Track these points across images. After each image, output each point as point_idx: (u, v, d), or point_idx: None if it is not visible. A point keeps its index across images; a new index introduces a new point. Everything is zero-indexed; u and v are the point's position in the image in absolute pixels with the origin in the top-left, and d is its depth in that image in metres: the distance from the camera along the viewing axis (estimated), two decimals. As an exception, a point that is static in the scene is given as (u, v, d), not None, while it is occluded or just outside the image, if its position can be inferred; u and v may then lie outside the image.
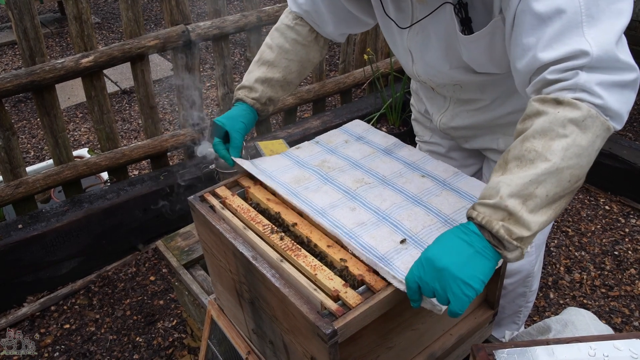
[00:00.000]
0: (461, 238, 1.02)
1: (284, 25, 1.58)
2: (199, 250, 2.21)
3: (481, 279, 0.98)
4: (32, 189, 2.68)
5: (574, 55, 0.99)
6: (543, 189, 0.98)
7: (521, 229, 0.98)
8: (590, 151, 1.00)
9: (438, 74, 1.45)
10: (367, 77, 3.72)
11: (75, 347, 2.44)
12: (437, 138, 1.87)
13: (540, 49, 1.02)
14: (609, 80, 0.98)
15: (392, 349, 1.25)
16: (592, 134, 0.98)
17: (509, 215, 0.98)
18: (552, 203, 1.00)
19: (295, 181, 1.42)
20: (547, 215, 1.00)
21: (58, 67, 2.53)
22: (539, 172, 0.97)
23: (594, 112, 0.98)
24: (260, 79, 1.55)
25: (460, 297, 0.97)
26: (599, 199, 3.19)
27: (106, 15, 6.36)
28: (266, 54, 1.58)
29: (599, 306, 2.51)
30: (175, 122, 4.26)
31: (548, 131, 0.99)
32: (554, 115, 0.99)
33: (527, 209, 0.97)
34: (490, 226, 0.99)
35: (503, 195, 0.98)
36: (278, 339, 1.29)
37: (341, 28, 1.59)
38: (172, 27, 2.82)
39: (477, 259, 0.99)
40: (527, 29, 1.04)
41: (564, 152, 0.97)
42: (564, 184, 0.99)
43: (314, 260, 1.17)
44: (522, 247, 0.99)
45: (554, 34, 1.01)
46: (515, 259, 1.00)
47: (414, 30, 1.37)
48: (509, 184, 0.99)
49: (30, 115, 4.38)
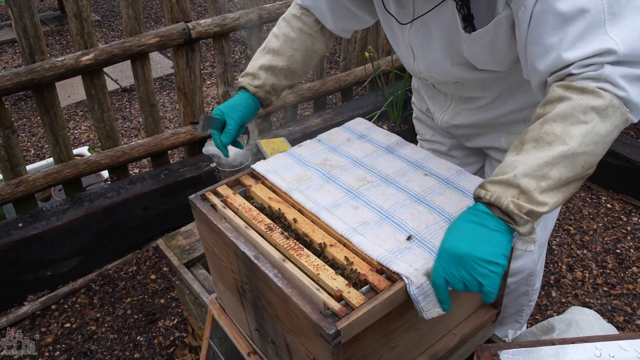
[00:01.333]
0: (472, 221, 1.04)
1: (291, 14, 1.60)
2: (200, 249, 2.21)
3: (503, 253, 1.01)
4: (32, 188, 2.67)
5: (600, 53, 1.00)
6: (557, 172, 1.00)
7: (532, 205, 1.00)
8: (607, 140, 1.02)
9: (440, 70, 1.43)
10: (368, 74, 3.71)
11: (76, 346, 2.43)
12: (438, 137, 1.85)
13: (564, 49, 1.03)
14: (633, 74, 1.00)
15: (395, 349, 1.25)
16: (611, 124, 1.01)
17: (520, 193, 1.01)
18: (563, 186, 1.02)
19: (297, 180, 1.41)
20: (557, 197, 1.02)
21: (58, 65, 2.51)
22: (555, 154, 1.00)
23: (616, 103, 1.00)
24: (264, 66, 1.56)
25: (490, 275, 1.00)
26: (600, 197, 3.18)
27: (106, 13, 6.34)
28: (272, 42, 1.59)
29: (601, 304, 2.51)
30: (175, 120, 4.25)
31: (569, 116, 1.01)
32: (577, 101, 1.01)
33: (539, 189, 1.00)
34: (500, 202, 1.02)
35: (518, 174, 1.01)
36: (280, 339, 1.29)
37: (340, 24, 1.60)
38: (173, 24, 2.81)
39: (493, 235, 1.02)
40: (549, 29, 1.04)
41: (582, 138, 1.00)
42: (577, 169, 1.01)
43: (316, 259, 1.17)
44: (532, 220, 1.01)
45: (578, 34, 1.01)
46: (528, 232, 1.03)
47: (415, 26, 1.36)
48: (524, 163, 1.02)
49: (30, 113, 4.37)
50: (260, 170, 1.46)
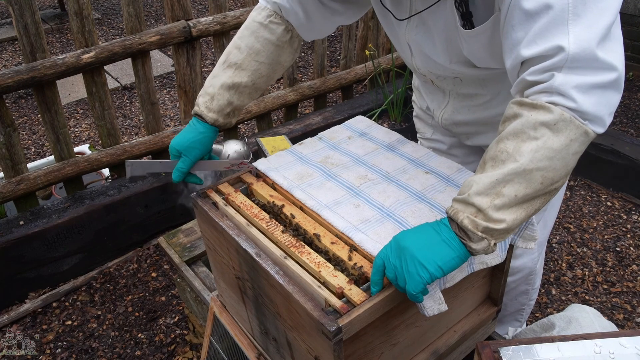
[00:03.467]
0: (432, 226, 1.07)
1: (256, 23, 1.43)
2: (201, 247, 2.21)
3: (438, 264, 1.02)
4: (33, 186, 2.67)
5: (552, 51, 0.98)
6: (511, 189, 0.99)
7: (488, 222, 1.00)
8: (564, 154, 0.99)
9: (438, 66, 1.43)
10: (368, 73, 3.71)
11: (77, 343, 2.44)
12: (438, 135, 1.86)
13: (524, 45, 1.02)
14: (587, 82, 0.97)
15: (396, 345, 1.25)
16: (565, 137, 0.98)
17: (478, 211, 1.01)
18: (524, 203, 1.01)
19: (298, 177, 1.41)
20: (516, 214, 1.01)
21: (59, 63, 2.52)
22: (505, 172, 1.00)
23: (567, 116, 0.97)
24: (226, 84, 1.42)
25: (414, 277, 1.02)
26: (600, 195, 3.18)
27: (107, 11, 6.34)
28: (233, 55, 1.43)
29: (601, 302, 2.51)
30: (176, 118, 4.26)
31: (520, 133, 1.00)
32: (527, 117, 1.00)
33: (494, 207, 1.00)
34: (456, 217, 1.03)
35: (471, 193, 1.02)
36: (281, 336, 1.29)
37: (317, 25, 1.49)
38: (173, 22, 2.81)
39: (439, 245, 1.03)
40: (517, 25, 1.03)
41: (533, 154, 0.98)
42: (535, 185, 1.00)
43: (318, 257, 1.17)
44: (489, 239, 1.01)
45: (539, 30, 1.00)
46: (482, 250, 1.02)
47: (412, 23, 1.35)
48: (478, 182, 1.02)
49: (31, 111, 4.38)
50: (262, 168, 1.47)
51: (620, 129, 3.75)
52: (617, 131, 3.48)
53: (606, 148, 3.14)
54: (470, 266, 1.23)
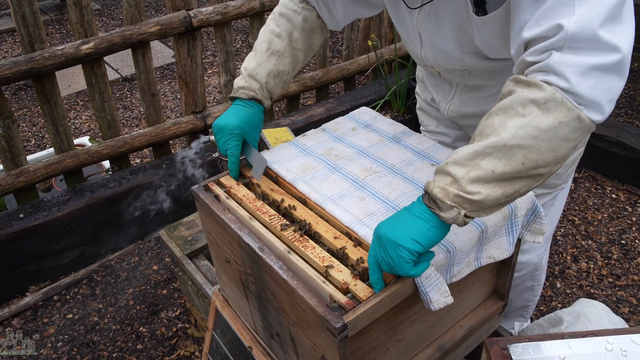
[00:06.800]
0: (406, 208, 1.06)
1: (291, 10, 1.49)
2: (202, 240, 2.19)
3: (413, 237, 0.99)
4: (33, 178, 2.65)
5: (552, 31, 0.94)
6: (489, 163, 0.97)
7: (460, 191, 0.98)
8: (550, 136, 0.94)
9: (448, 58, 1.40)
10: (371, 63, 3.67)
11: (78, 336, 2.43)
12: (443, 128, 1.83)
13: (528, 27, 0.99)
14: (585, 63, 0.92)
15: (401, 341, 1.23)
16: (554, 119, 0.94)
17: (453, 181, 0.99)
18: (502, 181, 0.98)
19: (302, 170, 1.38)
20: (492, 190, 0.98)
21: (58, 53, 2.48)
22: (485, 144, 0.97)
23: (559, 96, 0.93)
24: (272, 72, 1.45)
25: (397, 259, 1.00)
26: (605, 187, 3.15)
27: (106, 2, 6.29)
28: (275, 43, 1.47)
29: (606, 296, 2.49)
30: (177, 109, 4.22)
31: (509, 109, 0.98)
32: (519, 94, 0.97)
33: (469, 178, 0.97)
34: (429, 188, 1.02)
35: (449, 162, 1.01)
36: (285, 332, 1.27)
37: (348, 14, 1.52)
38: (174, 12, 2.77)
39: (411, 220, 1.01)
40: (523, 8, 1.01)
41: (516, 130, 0.95)
42: (515, 164, 0.96)
43: (322, 251, 1.15)
44: (458, 208, 0.98)
45: (543, 11, 0.97)
46: (452, 220, 0.99)
47: (424, 11, 1.32)
48: (458, 152, 1.01)
49: (30, 103, 4.34)
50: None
51: (625, 121, 3.71)
52: (623, 122, 3.44)
53: (611, 140, 3.11)
54: (477, 260, 1.20)
